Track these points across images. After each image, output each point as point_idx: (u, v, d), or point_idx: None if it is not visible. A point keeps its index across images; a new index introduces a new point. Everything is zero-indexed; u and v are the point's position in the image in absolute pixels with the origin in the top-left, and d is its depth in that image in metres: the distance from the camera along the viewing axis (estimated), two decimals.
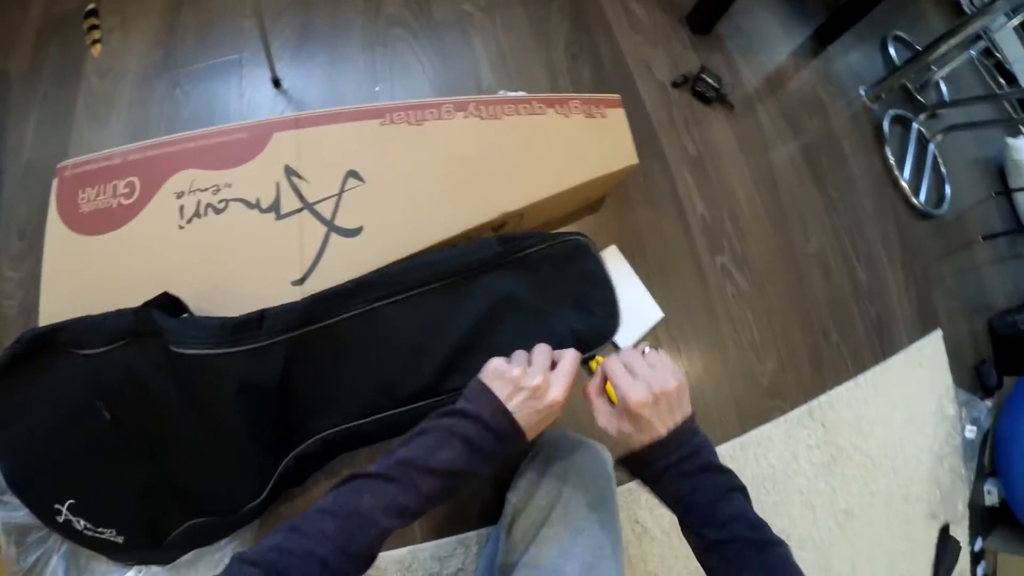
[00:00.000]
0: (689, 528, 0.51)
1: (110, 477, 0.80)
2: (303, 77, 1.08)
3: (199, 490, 0.78)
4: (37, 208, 1.04)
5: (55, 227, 0.86)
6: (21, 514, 0.91)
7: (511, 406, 0.54)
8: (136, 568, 0.91)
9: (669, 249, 1.13)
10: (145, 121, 1.06)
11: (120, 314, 0.74)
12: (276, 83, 1.05)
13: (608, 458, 0.74)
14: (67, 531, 0.83)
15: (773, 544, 0.48)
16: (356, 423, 0.77)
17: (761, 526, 0.49)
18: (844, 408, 1.21)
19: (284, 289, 0.79)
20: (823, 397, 1.17)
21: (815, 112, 1.36)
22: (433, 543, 0.91)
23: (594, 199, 1.06)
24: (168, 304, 0.75)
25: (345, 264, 0.80)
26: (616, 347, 1.00)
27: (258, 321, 0.70)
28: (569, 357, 0.59)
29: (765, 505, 1.06)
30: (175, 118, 1.06)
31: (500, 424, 0.53)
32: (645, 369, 0.55)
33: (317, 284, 0.79)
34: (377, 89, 1.05)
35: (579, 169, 0.94)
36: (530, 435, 0.55)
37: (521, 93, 0.97)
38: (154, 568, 0.90)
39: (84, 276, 0.83)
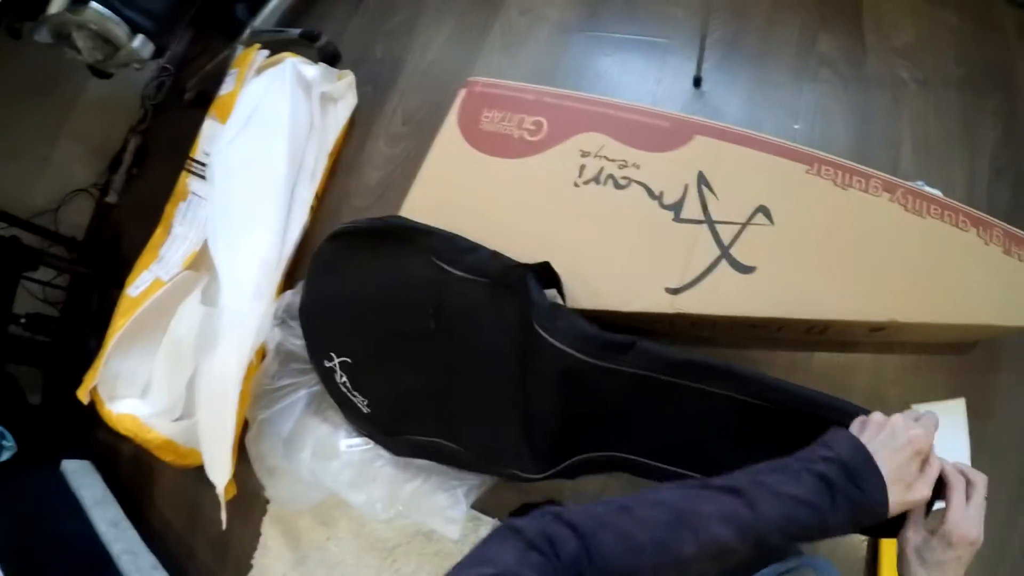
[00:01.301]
0: None
1: (395, 364, 0.85)
2: (725, 85, 1.04)
3: (466, 426, 0.81)
4: (428, 104, 1.11)
5: (451, 131, 0.89)
6: (298, 343, 1.00)
7: (871, 447, 0.49)
8: (365, 440, 0.94)
9: (1013, 428, 0.97)
10: (554, 69, 1.08)
11: (495, 256, 0.75)
12: (697, 82, 1.03)
13: None
14: (325, 375, 0.93)
15: None
16: (648, 461, 0.73)
17: None
18: None
19: (655, 290, 0.76)
20: None
21: None
22: None
23: (970, 339, 0.93)
24: (544, 274, 0.74)
25: (726, 296, 0.75)
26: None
27: (629, 346, 0.66)
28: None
29: None
30: (583, 76, 1.08)
31: (855, 460, 0.48)
32: (977, 508, 0.50)
33: (691, 300, 0.75)
34: (796, 127, 0.99)
35: (978, 308, 0.81)
36: (892, 498, 0.47)
37: (938, 193, 0.86)
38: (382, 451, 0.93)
39: (462, 183, 0.86)
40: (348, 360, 0.88)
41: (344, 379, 0.89)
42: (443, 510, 0.88)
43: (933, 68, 1.03)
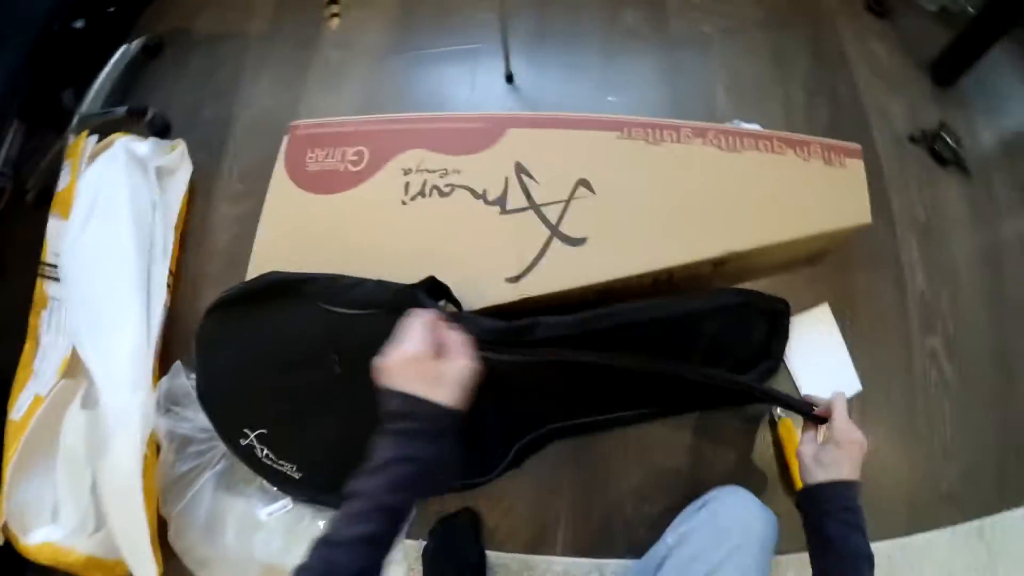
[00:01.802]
0: (822, 570, 0.60)
1: (314, 420, 0.83)
2: (536, 76, 1.07)
3: None
4: (261, 158, 1.09)
5: (280, 178, 0.89)
6: (187, 426, 0.97)
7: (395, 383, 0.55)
8: (283, 501, 0.93)
9: (881, 319, 1.03)
10: (375, 96, 1.09)
11: (381, 285, 0.74)
12: (509, 78, 1.05)
13: (776, 530, 0.69)
14: (244, 453, 0.89)
15: None
16: (581, 420, 0.85)
17: None
18: (1015, 536, 1.08)
19: (498, 283, 0.78)
20: (997, 517, 1.05)
21: None
22: (569, 559, 0.89)
23: (815, 251, 0.99)
24: (432, 288, 0.74)
25: (563, 271, 0.78)
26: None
27: (534, 326, 0.71)
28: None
29: None
30: (404, 97, 1.09)
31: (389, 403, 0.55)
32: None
33: (532, 285, 0.77)
34: (611, 99, 1.03)
35: (812, 219, 0.86)
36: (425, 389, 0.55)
37: (755, 126, 0.91)
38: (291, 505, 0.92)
39: (300, 227, 0.86)
40: (264, 431, 0.85)
41: (265, 451, 0.86)
42: None
43: (733, 16, 1.10)
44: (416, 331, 0.58)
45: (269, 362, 0.82)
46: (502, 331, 0.70)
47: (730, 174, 0.85)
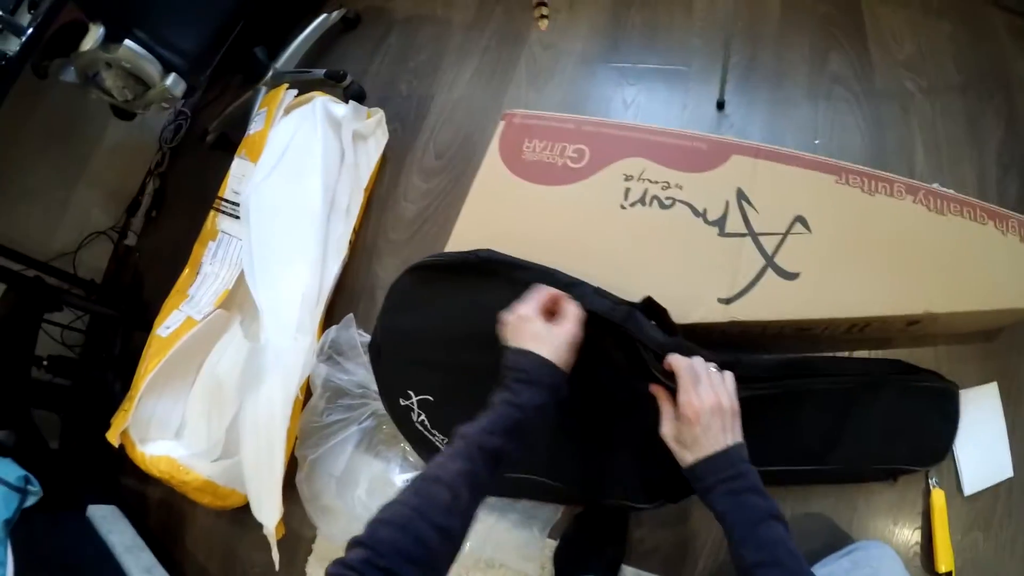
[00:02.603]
0: (732, 547, 0.53)
1: (479, 403, 0.78)
2: (746, 107, 1.10)
3: (569, 461, 0.79)
4: (460, 138, 1.15)
5: (493, 161, 0.93)
6: (345, 378, 0.99)
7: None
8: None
9: None
10: (582, 100, 1.13)
11: (599, 293, 0.72)
12: (720, 105, 1.09)
13: None
14: (399, 415, 0.88)
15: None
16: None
17: (799, 556, 0.51)
18: None
19: (709, 301, 0.79)
20: None
21: None
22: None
23: (995, 326, 0.99)
24: (650, 309, 0.73)
25: (774, 302, 0.79)
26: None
27: (734, 364, 0.69)
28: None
29: None
30: (611, 105, 1.12)
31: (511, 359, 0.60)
32: (707, 382, 0.60)
33: (743, 308, 0.79)
34: (816, 142, 1.05)
35: (1004, 293, 0.86)
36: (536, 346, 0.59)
37: (952, 192, 0.93)
38: None
39: (508, 211, 0.89)
40: (429, 398, 0.83)
41: (423, 417, 0.84)
42: (520, 547, 0.90)
43: (935, 76, 1.11)
44: (533, 297, 0.65)
45: (454, 334, 0.80)
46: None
47: (936, 236, 0.85)
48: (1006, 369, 0.99)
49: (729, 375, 0.63)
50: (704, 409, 0.57)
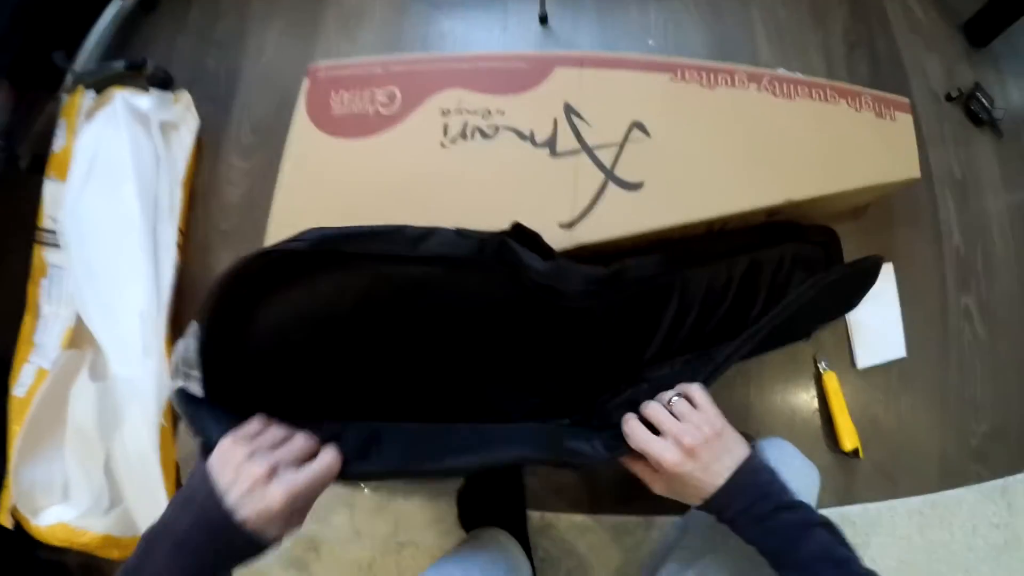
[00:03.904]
0: (777, 572, 0.47)
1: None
2: (572, 18, 1.02)
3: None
4: (274, 107, 1.04)
5: (302, 124, 0.82)
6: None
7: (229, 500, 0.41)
8: None
9: (919, 275, 1.03)
10: (398, 40, 1.04)
11: (461, 235, 0.60)
12: (543, 20, 1.00)
13: (818, 483, 0.66)
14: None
15: None
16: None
17: (848, 560, 0.44)
18: None
19: (551, 228, 0.72)
20: (1020, 475, 1.08)
21: None
22: (617, 517, 0.88)
23: (861, 205, 0.96)
24: (520, 235, 0.63)
25: (620, 217, 0.73)
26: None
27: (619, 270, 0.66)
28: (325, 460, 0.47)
29: (931, 573, 0.99)
30: (429, 41, 1.04)
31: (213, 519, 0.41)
32: (672, 424, 0.51)
33: (588, 231, 0.72)
34: (651, 43, 0.99)
35: (865, 171, 0.83)
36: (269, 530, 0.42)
37: (799, 75, 0.88)
38: None
39: (327, 175, 0.80)
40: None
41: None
42: (433, 524, 0.88)
43: None
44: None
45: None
46: (603, 280, 0.65)
47: (785, 122, 0.81)
48: (877, 246, 1.01)
49: (696, 388, 0.54)
50: (680, 461, 0.48)
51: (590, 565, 0.88)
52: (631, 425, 0.52)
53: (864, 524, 0.96)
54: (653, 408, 0.53)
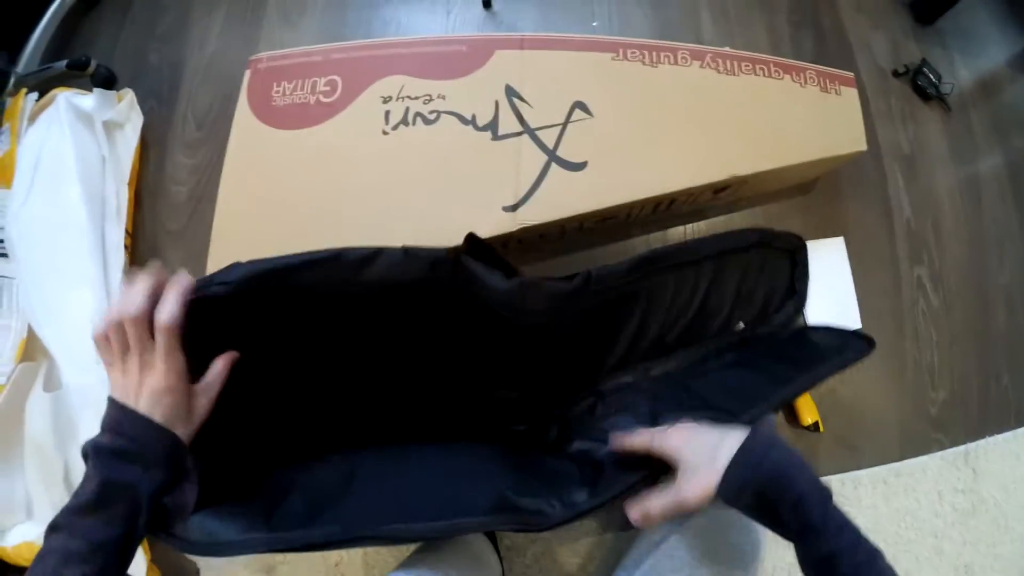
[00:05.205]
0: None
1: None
2: (516, 1, 1.01)
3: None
4: (218, 101, 1.02)
5: (244, 117, 0.81)
6: None
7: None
8: None
9: (870, 248, 1.03)
10: (340, 27, 1.02)
11: (410, 255, 0.51)
12: (487, 4, 0.98)
13: None
14: None
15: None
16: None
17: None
18: (997, 459, 1.11)
19: (494, 212, 0.72)
20: (981, 441, 1.09)
21: None
22: None
23: (809, 179, 0.96)
24: (476, 250, 0.55)
25: (564, 197, 0.73)
26: None
27: (586, 279, 0.60)
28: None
29: (900, 540, 0.99)
30: (372, 27, 1.02)
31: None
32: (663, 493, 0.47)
33: (532, 213, 0.72)
34: (595, 24, 0.98)
35: (811, 145, 0.84)
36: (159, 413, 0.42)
37: (743, 52, 0.88)
38: None
39: (270, 168, 0.78)
40: None
41: None
42: None
43: None
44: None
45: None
46: (568, 295, 0.59)
47: (729, 98, 0.82)
48: (827, 219, 1.00)
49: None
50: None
51: (556, 551, 0.87)
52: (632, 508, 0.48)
53: None
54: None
